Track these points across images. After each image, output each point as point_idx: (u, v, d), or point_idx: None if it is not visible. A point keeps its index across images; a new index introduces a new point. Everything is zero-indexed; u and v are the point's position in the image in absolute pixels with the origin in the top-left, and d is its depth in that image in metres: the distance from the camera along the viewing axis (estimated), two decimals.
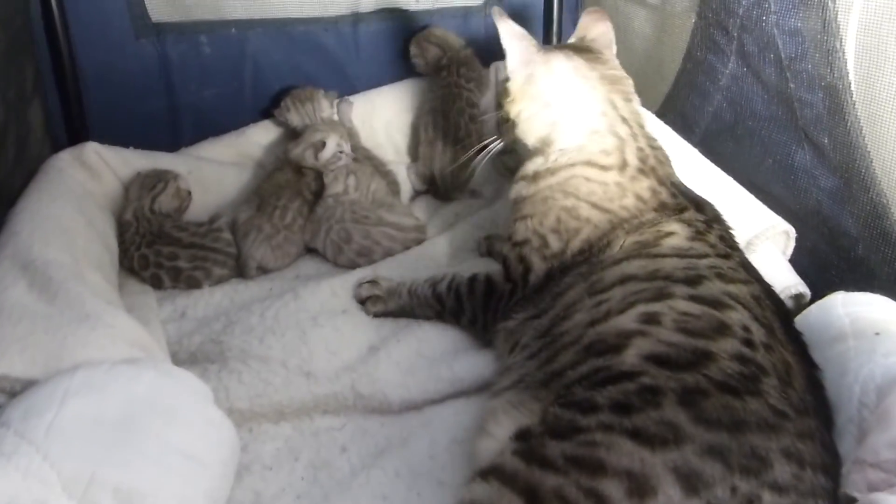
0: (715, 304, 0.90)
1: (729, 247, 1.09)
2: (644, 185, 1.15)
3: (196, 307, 1.34)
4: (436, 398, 1.15)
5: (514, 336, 1.09)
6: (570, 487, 0.73)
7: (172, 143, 1.72)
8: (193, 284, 1.40)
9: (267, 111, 1.78)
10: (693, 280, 0.95)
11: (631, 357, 0.84)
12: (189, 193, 1.52)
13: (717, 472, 0.73)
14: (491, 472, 0.78)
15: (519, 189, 1.23)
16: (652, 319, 0.88)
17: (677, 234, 1.08)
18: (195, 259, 1.41)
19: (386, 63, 1.90)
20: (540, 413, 0.86)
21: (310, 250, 1.53)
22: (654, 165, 1.19)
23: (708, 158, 1.47)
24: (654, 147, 1.22)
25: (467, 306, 1.21)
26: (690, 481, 0.72)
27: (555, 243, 1.14)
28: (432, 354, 1.20)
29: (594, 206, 1.14)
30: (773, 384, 0.82)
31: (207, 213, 1.53)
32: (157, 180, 1.50)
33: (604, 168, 1.16)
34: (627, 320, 0.90)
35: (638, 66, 1.76)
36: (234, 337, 1.21)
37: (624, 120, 1.21)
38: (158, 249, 1.41)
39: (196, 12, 1.70)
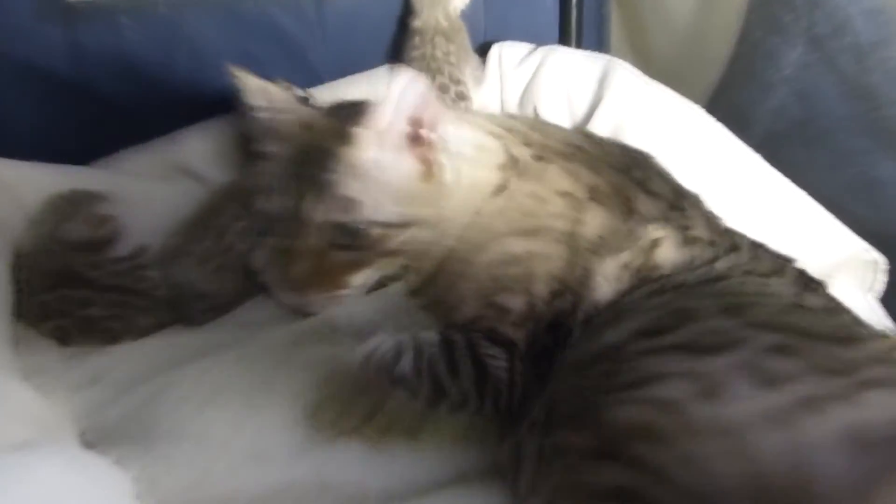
0: None
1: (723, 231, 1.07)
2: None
3: (113, 369, 1.30)
4: (428, 487, 1.11)
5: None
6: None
7: (86, 153, 1.71)
8: (110, 339, 1.37)
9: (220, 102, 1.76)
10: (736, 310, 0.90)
11: None
12: (108, 220, 1.50)
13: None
14: None
15: None
16: None
17: (664, 238, 1.03)
18: (113, 305, 1.38)
19: (357, 48, 1.90)
20: None
21: (259, 285, 1.51)
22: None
23: (771, 165, 1.46)
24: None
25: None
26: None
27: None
28: None
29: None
30: None
31: (129, 245, 1.50)
32: (69, 202, 1.49)
33: None
34: None
35: (677, 48, 1.76)
36: (162, 409, 1.17)
37: None
38: (64, 294, 1.38)
39: None
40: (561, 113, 1.79)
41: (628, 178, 1.09)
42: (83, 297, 1.39)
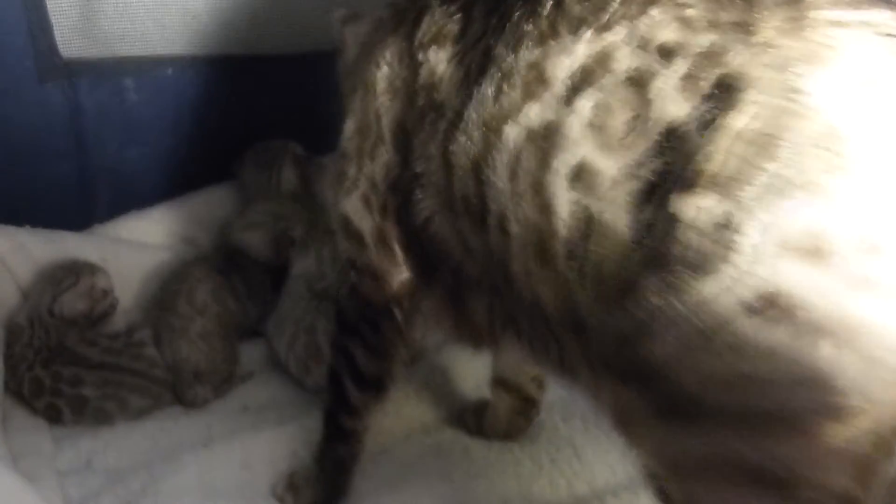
0: None
1: None
2: None
3: (106, 453, 1.34)
4: None
5: None
6: None
7: (83, 219, 1.76)
8: (103, 419, 1.41)
9: (225, 168, 1.82)
10: None
11: None
12: (106, 294, 1.55)
13: None
14: None
15: None
16: None
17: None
18: (106, 384, 1.42)
19: None
20: None
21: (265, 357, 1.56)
22: None
23: None
24: None
25: None
26: None
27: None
28: None
29: None
30: None
31: (126, 320, 1.55)
32: (66, 273, 1.53)
33: None
34: None
35: None
36: (158, 501, 1.21)
37: None
38: (57, 371, 1.42)
39: (121, 47, 1.74)
40: None
41: None
42: (75, 375, 1.43)
